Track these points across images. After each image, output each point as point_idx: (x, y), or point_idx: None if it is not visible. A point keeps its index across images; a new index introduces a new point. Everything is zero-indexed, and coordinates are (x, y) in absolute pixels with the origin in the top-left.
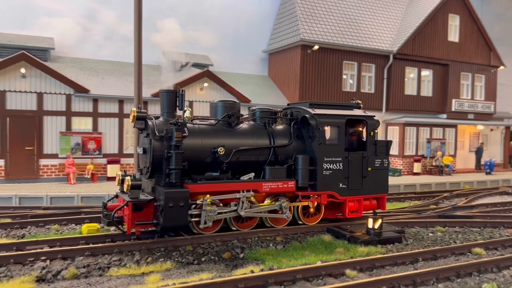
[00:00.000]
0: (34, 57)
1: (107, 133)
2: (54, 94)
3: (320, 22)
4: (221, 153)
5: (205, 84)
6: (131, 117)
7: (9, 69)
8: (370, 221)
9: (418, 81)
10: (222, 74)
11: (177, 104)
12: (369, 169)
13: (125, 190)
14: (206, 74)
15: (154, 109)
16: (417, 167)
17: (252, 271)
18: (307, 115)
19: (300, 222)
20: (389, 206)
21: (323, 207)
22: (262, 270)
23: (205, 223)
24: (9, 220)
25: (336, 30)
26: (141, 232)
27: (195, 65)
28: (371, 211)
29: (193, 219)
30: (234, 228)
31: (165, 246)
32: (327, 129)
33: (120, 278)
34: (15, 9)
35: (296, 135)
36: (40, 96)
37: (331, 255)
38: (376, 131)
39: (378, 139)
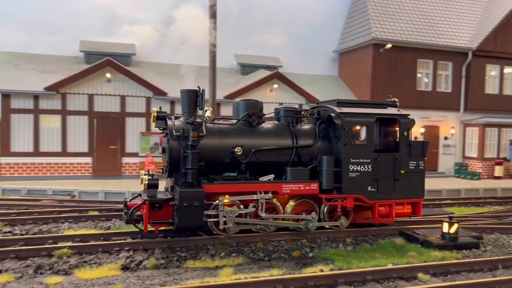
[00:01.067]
0: (118, 62)
1: None
2: (135, 97)
3: (393, 19)
4: (238, 153)
5: (275, 86)
6: (152, 117)
7: (96, 75)
8: (445, 225)
9: (500, 79)
10: (292, 75)
11: (197, 104)
12: (402, 171)
13: (142, 189)
14: (275, 75)
15: (226, 111)
16: (498, 170)
17: (321, 270)
18: (332, 114)
19: (327, 226)
20: (467, 210)
21: (351, 211)
22: (331, 269)
23: (224, 223)
24: (96, 213)
25: (410, 28)
26: (159, 231)
27: (265, 67)
28: (405, 217)
29: (210, 220)
30: (254, 230)
31: (237, 242)
32: (354, 128)
33: (196, 270)
34: (101, 19)
35: (322, 135)
36: (123, 98)
37: (402, 258)
38: (410, 130)
39: (414, 139)
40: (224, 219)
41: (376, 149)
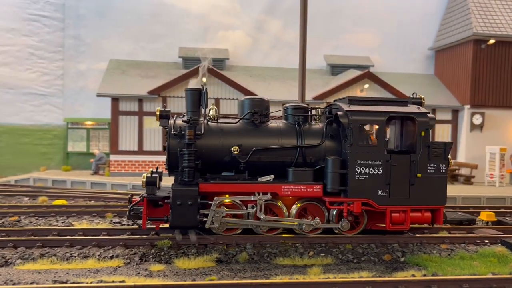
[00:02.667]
0: (213, 67)
1: None
2: (228, 100)
3: (496, 13)
4: (235, 153)
5: (366, 86)
6: (156, 115)
7: (193, 78)
8: None
9: None
10: (384, 74)
11: (201, 103)
12: (419, 175)
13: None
14: (366, 75)
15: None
16: None
17: (413, 275)
18: (339, 112)
19: (337, 231)
20: None
21: (365, 216)
22: (424, 275)
23: (212, 223)
24: None
25: None
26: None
27: (356, 67)
28: (423, 225)
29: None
30: (256, 232)
31: (326, 242)
32: (362, 127)
33: (285, 267)
34: (198, 26)
35: (331, 135)
36: (217, 101)
37: (504, 268)
38: (429, 130)
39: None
40: (211, 218)
41: (390, 150)
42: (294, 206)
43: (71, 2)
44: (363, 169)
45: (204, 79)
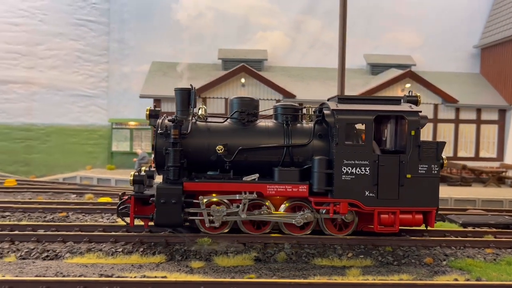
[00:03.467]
0: (252, 68)
1: None
2: (267, 100)
3: None
4: (219, 152)
5: (407, 85)
6: (145, 115)
7: (232, 80)
8: None
9: None
10: (426, 74)
11: (190, 102)
12: (408, 176)
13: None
14: (408, 74)
15: None
16: None
17: (456, 279)
18: (325, 111)
19: (326, 233)
20: None
21: (356, 217)
22: (467, 280)
23: (211, 222)
24: None
25: None
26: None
27: (396, 66)
28: (414, 227)
29: (196, 218)
30: (243, 230)
31: (365, 244)
32: (349, 127)
33: (323, 268)
34: (237, 27)
35: (319, 134)
36: None
37: None
38: (419, 129)
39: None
40: (209, 217)
41: (381, 150)
42: (282, 206)
43: (115, 6)
44: (349, 169)
45: (243, 80)
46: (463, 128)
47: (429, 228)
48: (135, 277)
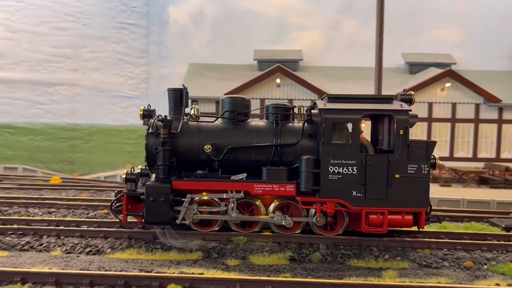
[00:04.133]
0: (287, 68)
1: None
2: (302, 100)
3: None
4: (207, 151)
5: (447, 84)
6: (139, 115)
7: (267, 80)
8: None
9: None
10: (467, 72)
11: (182, 102)
12: (397, 176)
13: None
14: (448, 73)
15: None
16: None
17: (497, 284)
18: (313, 111)
19: (316, 232)
20: None
21: (346, 217)
22: (509, 285)
23: (183, 219)
24: None
25: None
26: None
27: (436, 65)
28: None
29: (181, 215)
30: (233, 229)
31: (402, 246)
32: (336, 126)
33: (359, 269)
34: (272, 28)
35: (309, 134)
36: (290, 102)
37: None
38: (408, 128)
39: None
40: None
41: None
42: (272, 205)
43: (154, 10)
44: (336, 168)
45: (278, 80)
46: (507, 128)
47: (421, 229)
48: (173, 273)
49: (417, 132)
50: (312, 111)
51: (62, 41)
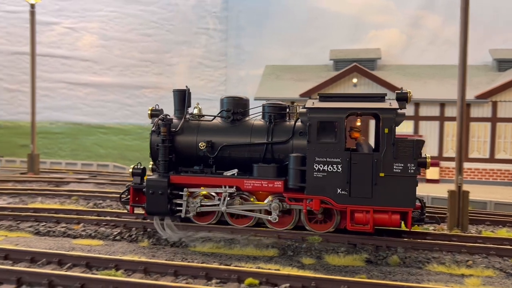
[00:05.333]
0: (364, 67)
1: (428, 136)
2: None
3: None
4: (202, 148)
5: None
6: (148, 114)
7: (344, 80)
8: None
9: None
10: None
11: (186, 102)
12: (381, 174)
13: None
14: None
15: (478, 112)
16: None
17: None
18: (301, 110)
19: (308, 228)
20: None
21: (337, 214)
22: None
23: (187, 212)
24: None
25: None
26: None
27: None
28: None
29: (181, 208)
30: (229, 222)
31: (487, 252)
32: (323, 124)
33: (439, 275)
34: (349, 27)
35: (300, 132)
36: None
37: None
38: (392, 127)
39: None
40: (187, 208)
41: (349, 149)
42: (266, 200)
43: (232, 14)
44: (321, 166)
45: (355, 80)
46: None
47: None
48: (250, 267)
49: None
50: (301, 110)
51: (148, 46)
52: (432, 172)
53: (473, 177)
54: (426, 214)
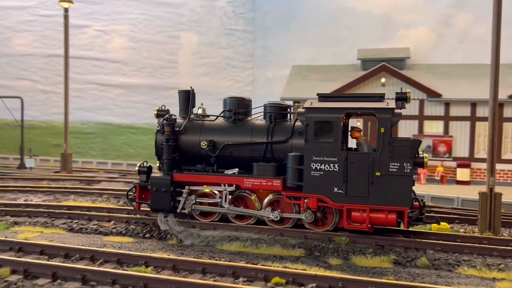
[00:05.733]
0: (392, 67)
1: (458, 137)
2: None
3: None
4: (203, 147)
5: None
6: (154, 114)
7: (372, 80)
8: None
9: None
10: None
11: (190, 102)
12: (377, 174)
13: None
14: None
15: (511, 112)
16: None
17: None
18: (299, 110)
19: (307, 226)
20: None
21: (336, 213)
22: None
23: (183, 208)
24: None
25: None
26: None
27: None
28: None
29: (181, 205)
30: (233, 221)
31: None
32: (319, 124)
33: (469, 278)
34: (377, 26)
35: (299, 132)
36: None
37: None
38: (388, 127)
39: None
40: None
41: (348, 148)
42: (266, 199)
43: (260, 15)
44: (318, 165)
45: (383, 80)
46: None
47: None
48: (277, 267)
49: None
50: (299, 110)
51: (176, 48)
52: (463, 174)
53: (506, 179)
54: (426, 214)
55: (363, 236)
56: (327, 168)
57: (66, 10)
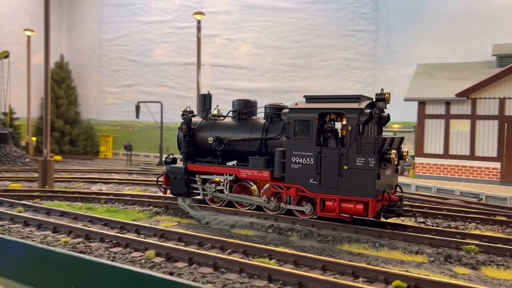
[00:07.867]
0: None
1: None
2: None
3: None
4: (210, 142)
5: None
6: (181, 115)
7: (509, 77)
8: None
9: None
10: None
11: (206, 104)
12: (345, 167)
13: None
14: None
15: None
16: None
17: None
18: (284, 110)
19: (295, 214)
20: None
21: (319, 201)
22: None
23: (205, 195)
24: (504, 218)
25: None
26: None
27: None
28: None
29: (196, 191)
30: (237, 206)
31: None
32: (299, 123)
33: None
34: None
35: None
36: None
37: None
38: (354, 125)
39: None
40: (204, 192)
41: (320, 143)
42: (264, 187)
43: (383, 14)
44: (297, 159)
45: None
46: None
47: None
48: (398, 270)
49: None
50: (283, 110)
51: (297, 52)
52: None
53: None
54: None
55: (497, 246)
56: (304, 161)
57: (198, 22)
